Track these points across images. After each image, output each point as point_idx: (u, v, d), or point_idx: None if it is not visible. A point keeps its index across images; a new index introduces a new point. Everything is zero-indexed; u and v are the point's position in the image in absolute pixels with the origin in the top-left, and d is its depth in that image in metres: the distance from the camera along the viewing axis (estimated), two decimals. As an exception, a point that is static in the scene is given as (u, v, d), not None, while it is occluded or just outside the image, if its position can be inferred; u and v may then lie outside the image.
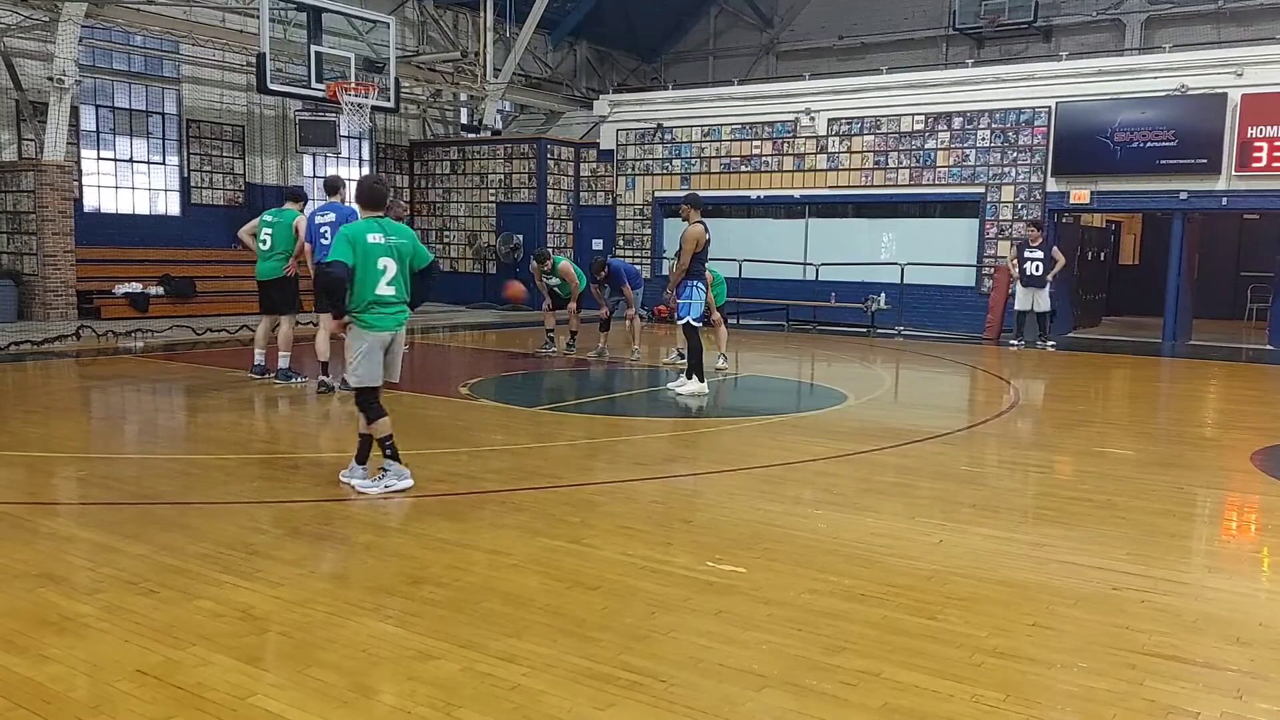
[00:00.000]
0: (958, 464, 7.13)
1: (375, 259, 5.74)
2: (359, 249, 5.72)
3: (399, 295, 5.87)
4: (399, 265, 5.82)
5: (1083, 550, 4.97)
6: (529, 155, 20.67)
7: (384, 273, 5.77)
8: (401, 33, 20.03)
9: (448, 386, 10.25)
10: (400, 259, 5.83)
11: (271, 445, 7.58)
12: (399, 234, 5.88)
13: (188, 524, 5.14)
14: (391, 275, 5.79)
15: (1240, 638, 3.86)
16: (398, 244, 5.83)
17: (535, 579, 4.40)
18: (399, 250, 5.83)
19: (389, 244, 5.78)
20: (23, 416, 8.27)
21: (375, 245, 5.75)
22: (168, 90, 18.28)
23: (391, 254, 5.79)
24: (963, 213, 17.53)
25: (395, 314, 5.88)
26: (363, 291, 5.76)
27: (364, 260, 5.73)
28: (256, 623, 3.84)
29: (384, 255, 5.76)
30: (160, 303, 16.24)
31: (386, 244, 5.77)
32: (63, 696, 3.22)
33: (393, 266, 5.79)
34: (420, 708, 3.17)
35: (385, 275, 5.77)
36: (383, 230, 5.81)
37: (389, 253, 5.77)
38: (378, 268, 5.75)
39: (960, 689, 3.36)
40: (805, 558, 4.78)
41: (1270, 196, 15.06)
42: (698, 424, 8.71)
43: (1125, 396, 11.71)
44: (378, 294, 5.78)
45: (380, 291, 5.78)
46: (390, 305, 5.84)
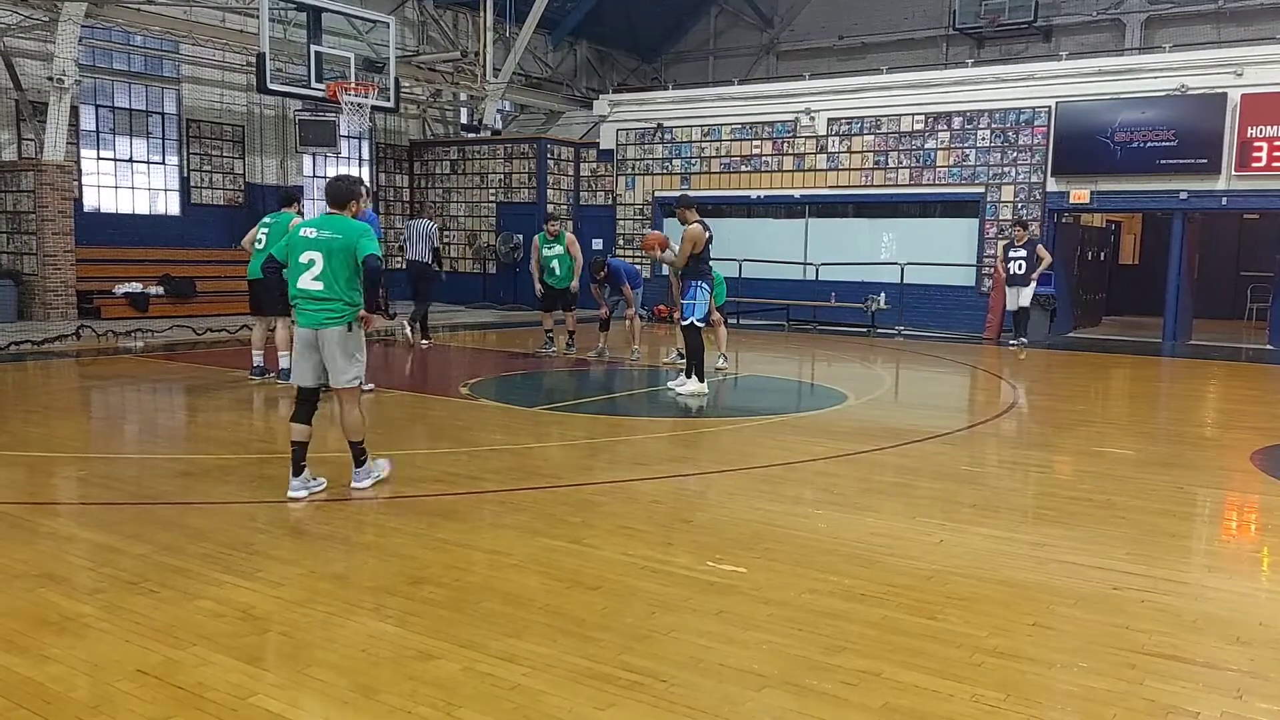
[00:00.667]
0: (958, 464, 7.13)
1: (300, 252, 5.64)
2: (289, 241, 5.72)
3: (325, 292, 5.62)
4: (326, 261, 5.60)
5: (1083, 550, 4.97)
6: (529, 155, 20.67)
7: (308, 266, 5.61)
8: (401, 32, 20.03)
9: (448, 386, 10.25)
10: (329, 254, 5.59)
11: (272, 445, 7.58)
12: (341, 230, 5.67)
13: (188, 524, 5.14)
14: (317, 271, 5.60)
15: (1240, 637, 3.86)
16: (329, 239, 5.62)
17: (535, 579, 4.40)
18: (329, 245, 5.60)
19: (318, 238, 5.63)
20: (23, 416, 8.27)
21: (303, 239, 5.65)
22: (168, 90, 18.29)
23: (319, 248, 5.61)
24: (963, 213, 17.53)
25: (314, 311, 5.65)
26: (289, 286, 5.70)
27: (291, 253, 5.68)
28: (257, 623, 3.84)
29: (310, 249, 5.63)
30: (160, 303, 16.24)
31: (316, 238, 5.64)
32: (63, 696, 3.22)
33: (319, 261, 5.60)
34: (421, 707, 3.17)
35: (310, 270, 5.61)
36: (319, 226, 5.69)
37: (316, 246, 5.62)
38: (301, 261, 5.64)
39: (960, 689, 3.36)
40: (805, 558, 4.78)
41: (1270, 196, 15.06)
42: (698, 424, 8.71)
43: (1125, 396, 11.71)
44: (299, 288, 5.65)
45: (302, 286, 5.65)
46: (311, 301, 5.65)
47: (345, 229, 5.68)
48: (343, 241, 5.62)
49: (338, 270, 5.61)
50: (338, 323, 5.67)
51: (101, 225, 17.12)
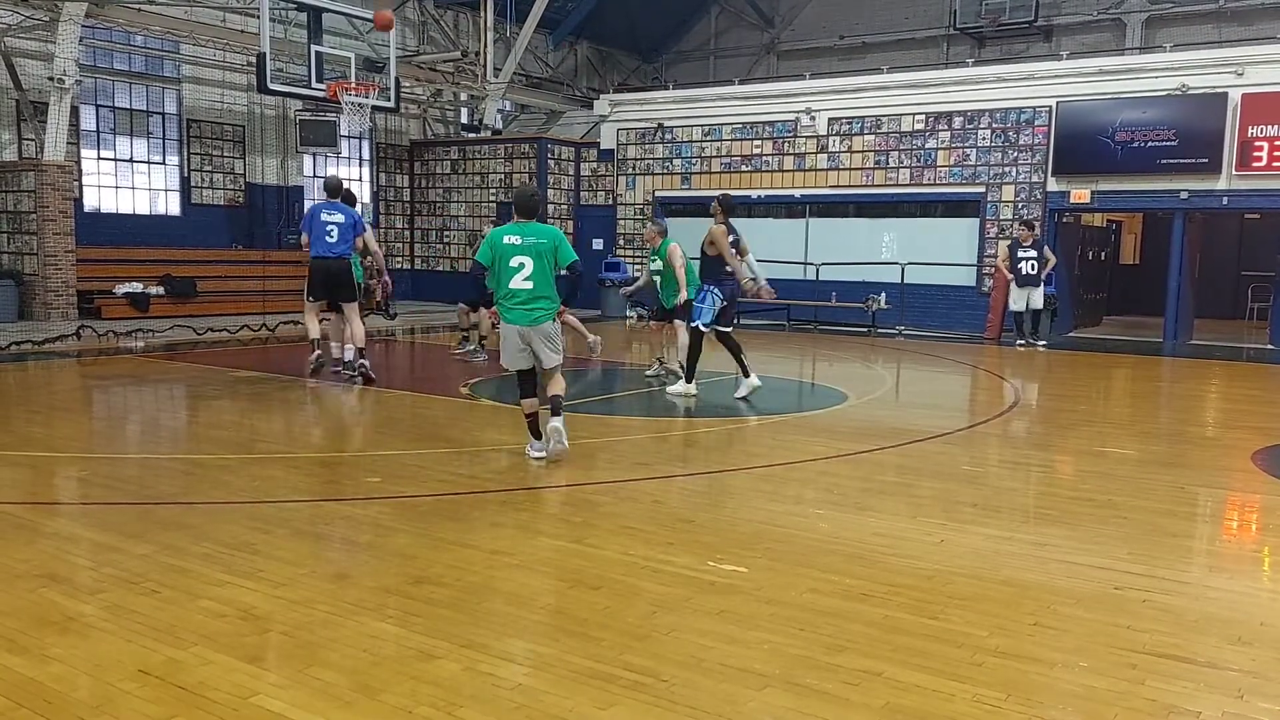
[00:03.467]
0: (959, 464, 7.13)
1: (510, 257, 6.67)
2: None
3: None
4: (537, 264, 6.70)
5: (1084, 550, 4.97)
6: (529, 155, 20.67)
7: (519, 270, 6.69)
8: (402, 32, 20.04)
9: (448, 386, 10.25)
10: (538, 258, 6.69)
11: (272, 445, 7.58)
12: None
13: (190, 524, 5.14)
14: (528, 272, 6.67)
15: (1241, 637, 3.86)
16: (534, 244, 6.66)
17: (537, 579, 4.40)
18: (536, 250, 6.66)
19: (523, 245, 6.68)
20: (25, 416, 8.27)
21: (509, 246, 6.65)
22: (168, 90, 18.30)
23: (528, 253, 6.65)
24: (963, 212, 17.54)
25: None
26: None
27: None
28: (258, 622, 3.84)
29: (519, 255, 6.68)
30: (161, 303, 16.25)
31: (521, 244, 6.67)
32: (65, 696, 3.22)
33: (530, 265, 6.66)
34: (422, 707, 3.17)
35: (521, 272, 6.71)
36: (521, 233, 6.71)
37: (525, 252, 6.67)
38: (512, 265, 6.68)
39: (962, 688, 3.36)
40: (806, 557, 4.78)
41: (1271, 196, 15.06)
42: (698, 424, 8.71)
43: (1126, 396, 11.71)
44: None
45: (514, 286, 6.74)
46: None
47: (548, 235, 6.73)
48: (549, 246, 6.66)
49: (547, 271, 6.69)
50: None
51: (102, 225, 17.13)
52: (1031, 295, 15.08)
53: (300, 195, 20.23)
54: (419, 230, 22.25)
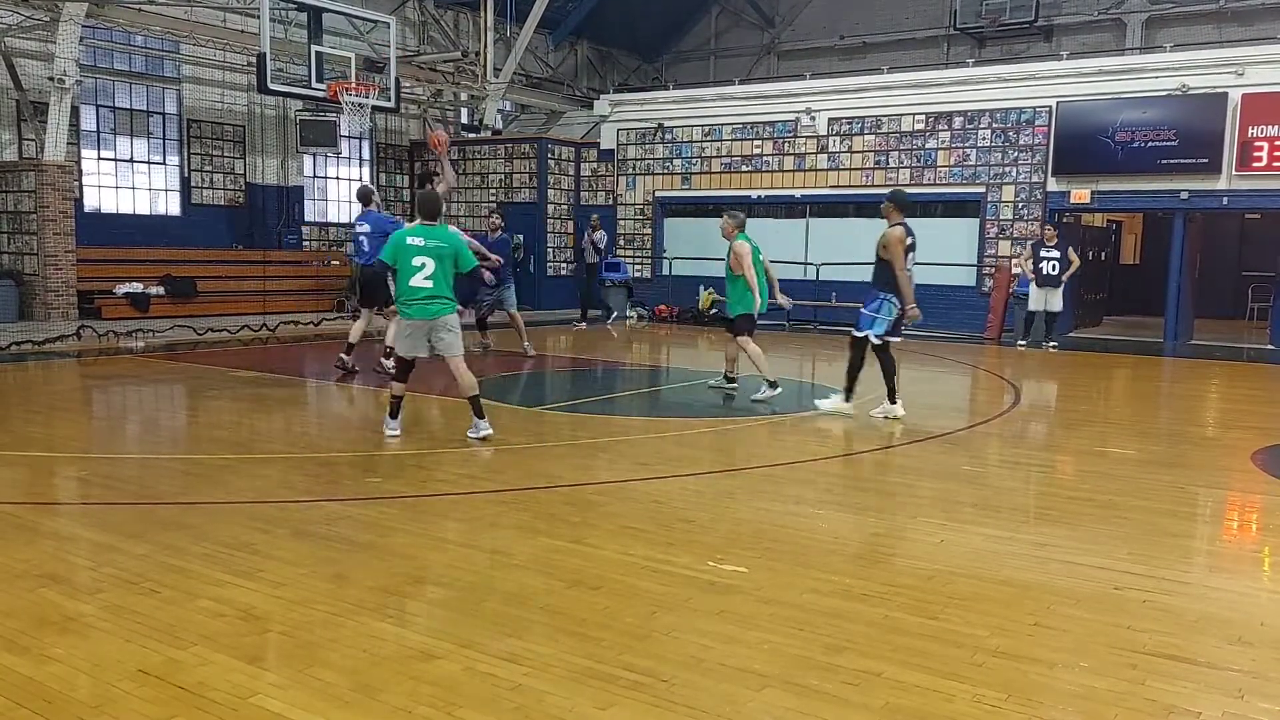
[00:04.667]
0: (959, 464, 7.12)
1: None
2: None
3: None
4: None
5: (1084, 550, 4.97)
6: (530, 155, 20.67)
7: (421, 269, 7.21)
8: (402, 32, 20.03)
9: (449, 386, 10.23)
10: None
11: (272, 445, 7.58)
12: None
13: (189, 524, 5.14)
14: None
15: (1242, 637, 3.86)
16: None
17: (536, 579, 4.40)
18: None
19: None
20: (24, 416, 8.27)
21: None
22: (168, 90, 18.30)
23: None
24: (964, 212, 17.53)
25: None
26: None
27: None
28: (258, 622, 3.84)
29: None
30: (161, 303, 16.25)
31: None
32: (64, 696, 3.22)
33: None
34: (421, 707, 3.17)
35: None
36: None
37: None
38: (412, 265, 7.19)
39: (962, 689, 3.36)
40: (806, 557, 4.78)
41: (1271, 196, 15.05)
42: (698, 424, 8.71)
43: (1126, 396, 11.70)
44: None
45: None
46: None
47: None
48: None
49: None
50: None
51: (102, 225, 17.13)
52: (1050, 296, 14.97)
53: (300, 195, 20.24)
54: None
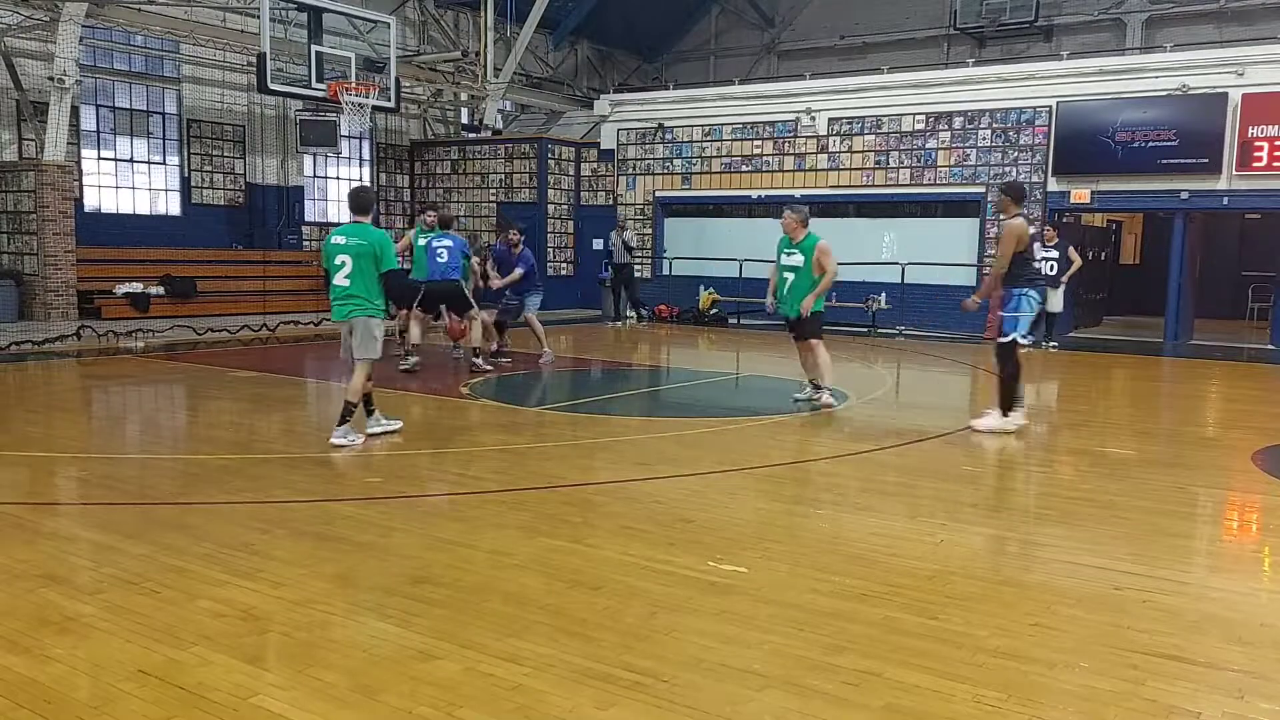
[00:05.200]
0: (959, 464, 7.12)
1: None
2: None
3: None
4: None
5: (1084, 550, 4.96)
6: (530, 155, 20.67)
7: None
8: (402, 32, 20.03)
9: (448, 386, 10.24)
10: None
11: (272, 445, 7.58)
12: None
13: (189, 524, 5.14)
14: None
15: (1242, 637, 3.86)
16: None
17: (537, 579, 4.40)
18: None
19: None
20: (24, 416, 8.27)
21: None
22: (168, 90, 18.30)
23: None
24: (964, 212, 17.52)
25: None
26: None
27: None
28: (258, 623, 3.84)
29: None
30: (161, 303, 16.25)
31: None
32: (65, 697, 3.22)
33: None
34: (421, 707, 3.17)
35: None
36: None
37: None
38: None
39: (961, 689, 3.36)
40: (807, 558, 4.78)
41: (1271, 196, 15.05)
42: (698, 424, 8.71)
43: (1126, 396, 11.71)
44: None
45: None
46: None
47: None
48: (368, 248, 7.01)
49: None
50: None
51: (102, 225, 17.13)
52: (1050, 297, 14.97)
53: (300, 195, 20.23)
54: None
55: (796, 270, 8.93)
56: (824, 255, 8.77)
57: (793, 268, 8.97)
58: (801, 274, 8.88)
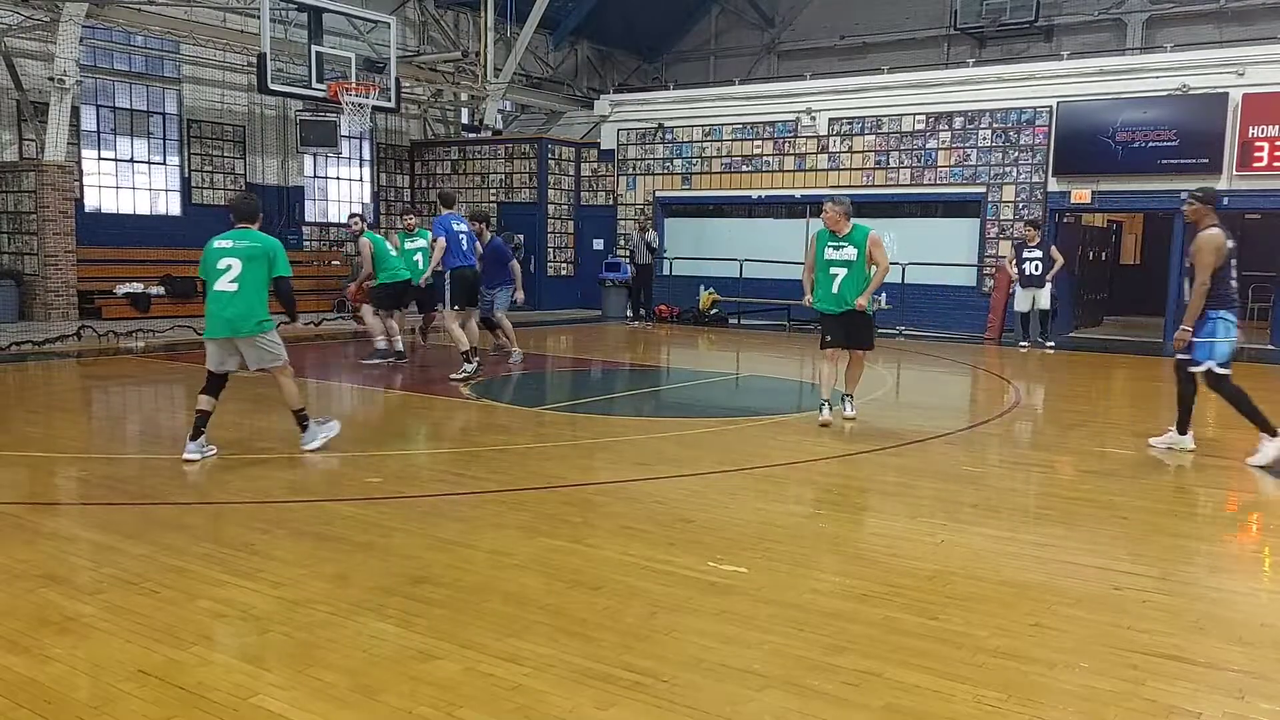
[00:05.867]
0: (959, 464, 7.12)
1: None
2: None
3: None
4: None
5: (1084, 550, 4.97)
6: (530, 155, 20.67)
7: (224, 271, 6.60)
8: (402, 33, 20.03)
9: (448, 386, 10.24)
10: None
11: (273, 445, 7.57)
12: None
13: (189, 524, 5.14)
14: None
15: (1242, 638, 3.86)
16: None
17: (536, 579, 4.40)
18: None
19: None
20: (24, 416, 8.27)
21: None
22: (168, 90, 18.29)
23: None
24: (964, 213, 17.53)
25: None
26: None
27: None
28: (258, 623, 3.84)
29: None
30: (161, 303, 16.25)
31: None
32: (64, 697, 3.22)
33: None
34: (421, 708, 3.17)
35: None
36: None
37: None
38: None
39: (962, 689, 3.36)
40: (807, 558, 4.78)
41: (1271, 196, 15.05)
42: (698, 424, 8.70)
43: (1127, 396, 11.70)
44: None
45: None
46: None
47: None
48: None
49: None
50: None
51: (102, 225, 17.13)
52: (1038, 296, 15.01)
53: (300, 195, 20.24)
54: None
55: (849, 265, 8.11)
56: (876, 247, 8.09)
57: (843, 263, 8.14)
58: (855, 268, 8.10)
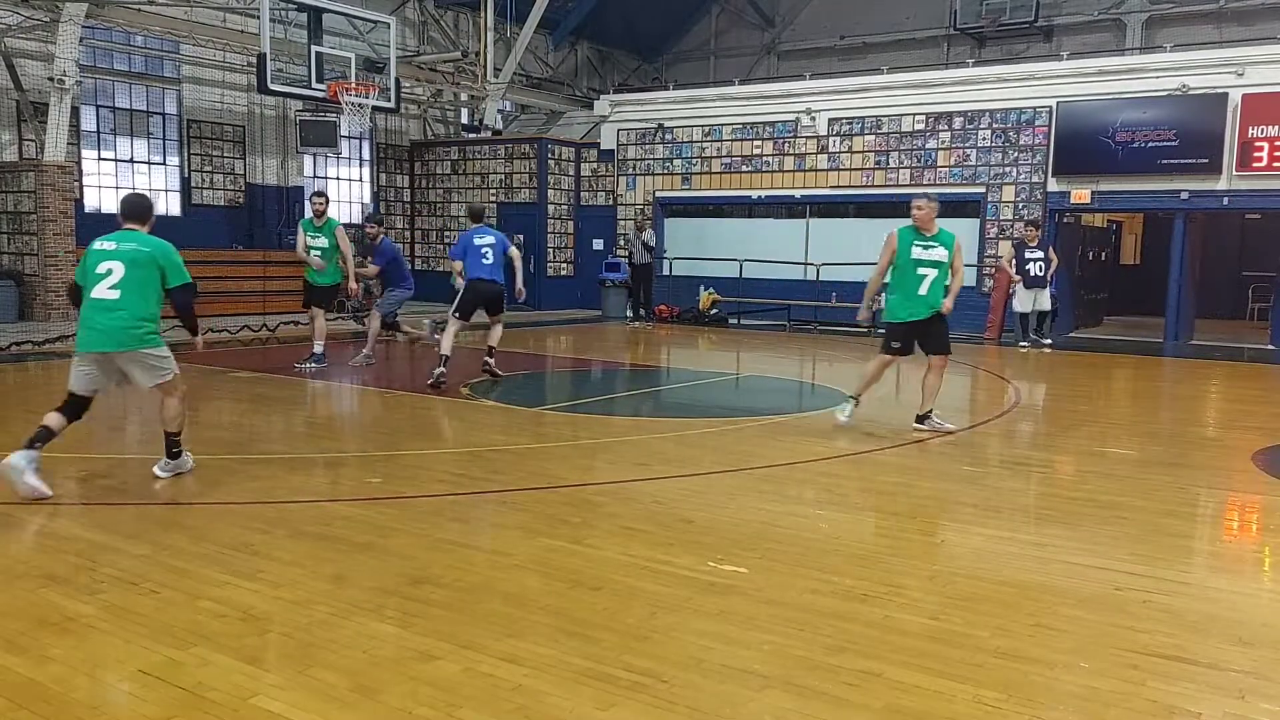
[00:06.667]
0: (959, 464, 7.12)
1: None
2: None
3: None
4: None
5: (1085, 550, 4.96)
6: (530, 155, 20.67)
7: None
8: (402, 33, 20.03)
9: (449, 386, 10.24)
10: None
11: (272, 445, 7.58)
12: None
13: (189, 524, 5.14)
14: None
15: (1243, 638, 3.85)
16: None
17: (536, 579, 4.40)
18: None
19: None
20: (24, 417, 8.24)
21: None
22: (168, 90, 18.29)
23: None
24: (964, 213, 17.50)
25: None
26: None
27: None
28: (258, 623, 3.84)
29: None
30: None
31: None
32: (64, 697, 3.22)
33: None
34: (421, 708, 3.16)
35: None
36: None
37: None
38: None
39: (962, 689, 3.35)
40: (807, 558, 4.78)
41: (1271, 196, 15.05)
42: (698, 424, 8.70)
43: (1127, 396, 11.70)
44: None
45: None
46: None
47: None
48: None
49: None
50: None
51: (102, 226, 16.77)
52: (1039, 296, 15.05)
53: (300, 195, 20.21)
54: (419, 231, 22.26)
55: (939, 266, 7.95)
56: (958, 252, 7.97)
57: (933, 263, 7.95)
58: (944, 270, 7.94)
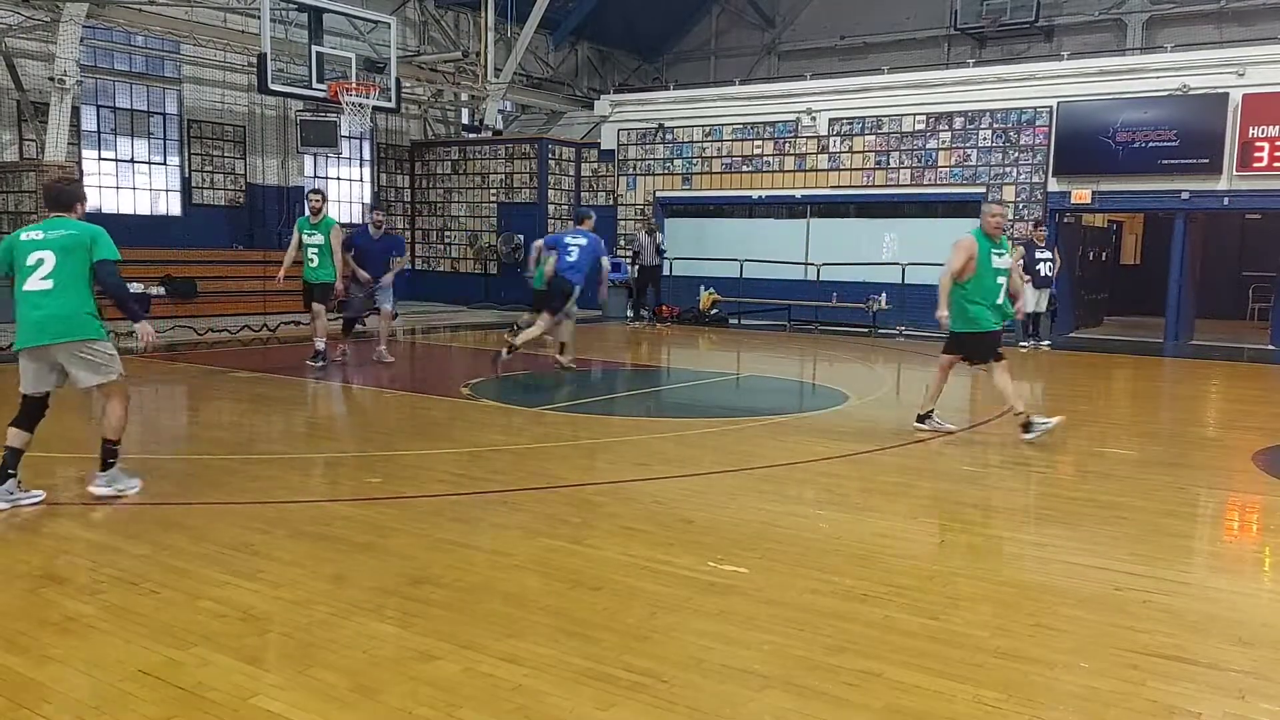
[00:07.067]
0: (959, 464, 7.12)
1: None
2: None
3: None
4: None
5: (1085, 550, 4.96)
6: (530, 155, 20.66)
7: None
8: (403, 33, 20.03)
9: (449, 387, 10.24)
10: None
11: (272, 445, 7.58)
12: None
13: (189, 524, 5.14)
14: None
15: (1243, 638, 3.85)
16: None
17: (536, 579, 4.40)
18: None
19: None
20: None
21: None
22: (169, 90, 18.29)
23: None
24: (964, 213, 17.45)
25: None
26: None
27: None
28: (258, 623, 3.84)
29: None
30: (161, 303, 16.21)
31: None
32: (64, 696, 3.22)
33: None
34: (421, 708, 3.17)
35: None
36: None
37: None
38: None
39: (962, 689, 3.35)
40: (807, 558, 4.78)
41: (1272, 196, 15.04)
42: (699, 424, 8.70)
43: (1127, 396, 11.70)
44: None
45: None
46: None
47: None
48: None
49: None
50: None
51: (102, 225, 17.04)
52: (1042, 297, 15.07)
53: (300, 195, 20.21)
54: (419, 230, 22.26)
55: (1006, 275, 8.15)
56: (1017, 258, 7.98)
57: (1005, 271, 8.13)
58: (1009, 277, 8.16)
